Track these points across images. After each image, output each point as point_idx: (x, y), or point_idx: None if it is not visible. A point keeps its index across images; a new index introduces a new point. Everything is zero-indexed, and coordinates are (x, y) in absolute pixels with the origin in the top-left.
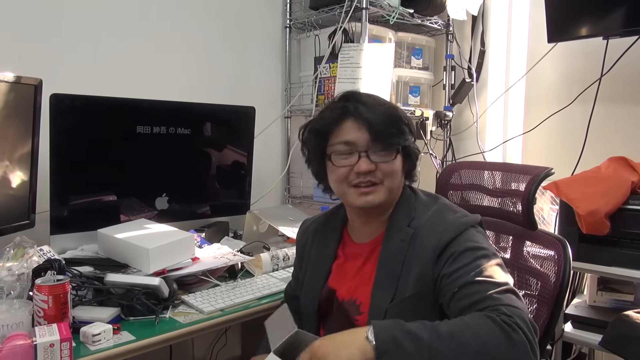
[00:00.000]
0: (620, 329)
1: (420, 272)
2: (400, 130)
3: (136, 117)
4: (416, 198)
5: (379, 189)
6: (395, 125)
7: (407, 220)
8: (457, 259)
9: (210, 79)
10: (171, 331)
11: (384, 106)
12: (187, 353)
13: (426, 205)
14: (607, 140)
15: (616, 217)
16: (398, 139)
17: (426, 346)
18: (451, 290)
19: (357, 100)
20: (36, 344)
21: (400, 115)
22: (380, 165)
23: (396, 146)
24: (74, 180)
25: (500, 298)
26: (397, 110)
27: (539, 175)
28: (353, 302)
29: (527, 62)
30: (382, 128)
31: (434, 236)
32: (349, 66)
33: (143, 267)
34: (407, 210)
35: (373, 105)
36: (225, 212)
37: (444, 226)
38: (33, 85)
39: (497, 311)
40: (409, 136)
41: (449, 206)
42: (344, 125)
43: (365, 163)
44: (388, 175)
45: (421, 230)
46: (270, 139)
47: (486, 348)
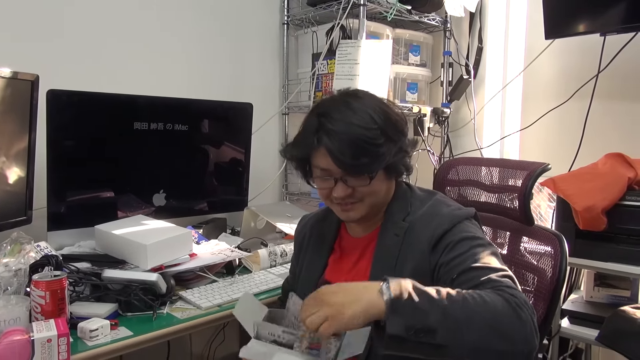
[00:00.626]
0: (617, 324)
1: (416, 265)
2: (373, 155)
3: (133, 113)
4: (412, 194)
5: (359, 206)
6: (365, 153)
7: (403, 215)
8: (453, 248)
9: (207, 75)
10: (169, 327)
11: (356, 131)
12: (185, 349)
13: (422, 200)
14: (604, 136)
15: (613, 213)
16: (370, 166)
17: (441, 308)
18: (450, 277)
19: (327, 124)
20: (33, 340)
21: (374, 137)
22: (358, 189)
23: (369, 174)
24: (71, 177)
25: (501, 281)
26: (373, 130)
27: (536, 170)
28: None
29: (525, 59)
30: (351, 161)
31: (428, 229)
32: (346, 62)
33: (141, 263)
34: (403, 205)
35: (344, 133)
36: (223, 209)
37: (439, 219)
38: (30, 81)
39: (502, 291)
40: (391, 151)
41: (444, 201)
42: (318, 152)
43: (341, 189)
44: (367, 195)
45: (416, 224)
46: (267, 136)
47: (498, 320)
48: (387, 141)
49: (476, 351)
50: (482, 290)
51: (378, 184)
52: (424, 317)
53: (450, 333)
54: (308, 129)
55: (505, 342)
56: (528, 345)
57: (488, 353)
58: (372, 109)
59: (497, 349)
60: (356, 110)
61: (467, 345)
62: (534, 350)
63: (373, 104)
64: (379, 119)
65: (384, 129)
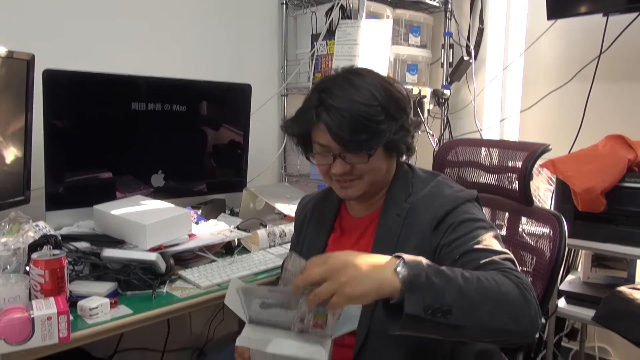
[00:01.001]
0: (614, 305)
1: (417, 245)
2: (372, 131)
3: (131, 93)
4: (414, 174)
5: (358, 183)
6: (364, 129)
7: (404, 196)
8: (455, 229)
9: (205, 55)
10: (168, 305)
11: (356, 107)
12: (184, 328)
13: (424, 181)
14: (605, 118)
15: (612, 195)
16: (369, 143)
17: (457, 288)
18: (452, 258)
19: (328, 101)
20: (33, 317)
21: (374, 114)
22: (357, 166)
23: (367, 150)
24: (68, 157)
25: (503, 264)
26: (373, 107)
27: (537, 151)
28: None
29: (526, 40)
30: (349, 137)
31: (430, 209)
32: (346, 43)
33: (140, 243)
34: (405, 186)
35: (344, 109)
36: (222, 190)
37: (441, 199)
38: (25, 60)
39: (506, 272)
40: (391, 128)
41: (446, 182)
42: (317, 128)
43: (339, 165)
44: (366, 172)
45: (417, 205)
46: (266, 117)
47: (508, 301)
48: (388, 118)
49: (488, 331)
50: (486, 271)
51: (377, 162)
52: (442, 297)
53: (466, 313)
54: (308, 105)
55: (515, 323)
56: (533, 326)
57: (499, 333)
58: (374, 86)
59: (507, 329)
60: (357, 86)
61: (481, 325)
62: (537, 330)
63: (375, 81)
64: (380, 96)
65: (385, 105)
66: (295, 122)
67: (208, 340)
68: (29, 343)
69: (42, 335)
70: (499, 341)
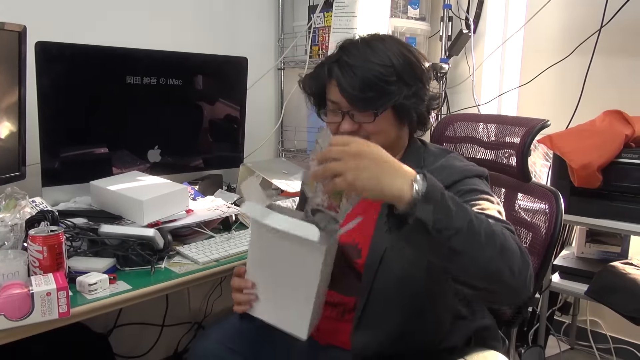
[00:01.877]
0: (606, 279)
1: None
2: (380, 91)
3: (126, 67)
4: (425, 149)
5: None
6: (374, 88)
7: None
8: (461, 196)
9: (201, 28)
10: (167, 281)
11: (369, 66)
12: (183, 304)
13: (435, 156)
14: (604, 93)
15: (608, 170)
16: (375, 101)
17: (468, 217)
18: None
19: (343, 58)
20: (33, 293)
21: (386, 74)
22: (364, 125)
23: (373, 110)
24: (64, 132)
25: (504, 230)
26: (387, 67)
27: (535, 127)
28: (355, 245)
29: (527, 13)
30: (357, 94)
31: (438, 179)
32: (343, 15)
33: (137, 219)
34: (416, 159)
35: (357, 66)
36: (219, 165)
37: (450, 170)
38: (17, 32)
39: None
40: (401, 92)
41: (458, 157)
42: (331, 84)
43: (347, 123)
44: (373, 133)
45: None
46: (263, 92)
47: (510, 251)
48: (400, 82)
49: (484, 271)
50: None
51: (385, 124)
52: (452, 219)
53: (469, 244)
54: (325, 60)
55: (511, 275)
56: (526, 286)
57: (493, 278)
58: (392, 51)
59: (502, 278)
60: (375, 48)
61: (478, 262)
62: (528, 294)
63: (394, 46)
64: (397, 60)
65: (399, 70)
66: (311, 77)
67: (206, 315)
68: (29, 319)
69: (42, 311)
70: (488, 290)
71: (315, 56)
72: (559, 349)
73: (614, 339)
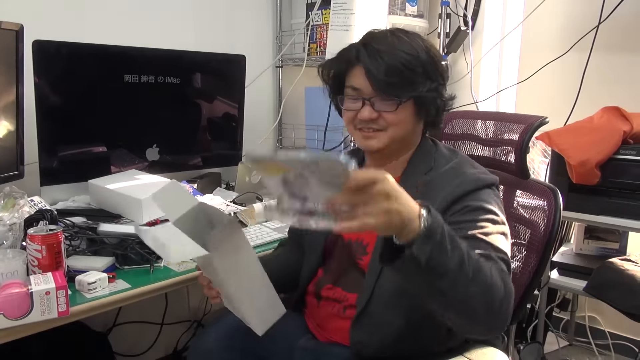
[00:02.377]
0: (604, 276)
1: None
2: (406, 78)
3: (123, 65)
4: (437, 150)
5: (381, 135)
6: (400, 75)
7: (425, 169)
8: (467, 213)
9: (198, 26)
10: (166, 279)
11: (397, 53)
12: (182, 302)
13: (446, 158)
14: (602, 89)
15: (606, 167)
16: (401, 90)
17: (460, 257)
18: None
19: (371, 44)
20: (32, 292)
21: (413, 64)
22: (384, 114)
23: (397, 98)
24: (62, 131)
25: (497, 262)
26: (414, 57)
27: (534, 123)
28: (360, 242)
29: (524, 9)
30: (384, 78)
31: (450, 186)
32: (341, 13)
33: (136, 218)
34: (427, 159)
35: (384, 52)
36: (217, 164)
37: (462, 178)
38: (14, 31)
39: (499, 272)
40: (425, 85)
41: (469, 161)
42: (354, 70)
43: (367, 111)
44: (392, 124)
45: (437, 180)
46: (261, 89)
47: (493, 294)
48: (424, 74)
49: (464, 310)
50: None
51: (405, 115)
52: (446, 257)
53: (455, 282)
54: (351, 46)
55: (487, 314)
56: (502, 323)
57: (470, 317)
58: (417, 44)
59: (477, 318)
60: (401, 39)
61: (460, 300)
62: (504, 329)
63: (419, 41)
64: (422, 53)
65: (424, 61)
66: (336, 59)
67: (206, 313)
68: (28, 318)
69: (41, 310)
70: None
71: (314, 54)
72: (557, 345)
73: (613, 335)
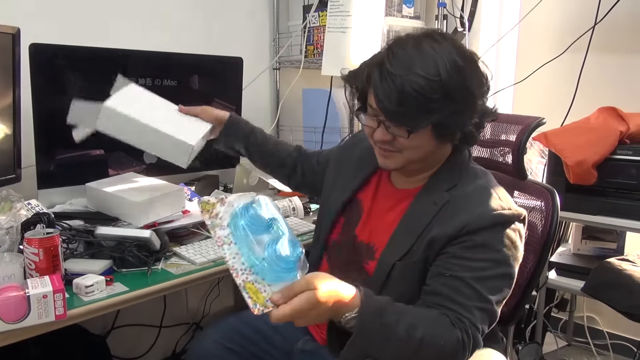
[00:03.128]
0: (602, 276)
1: (435, 239)
2: (420, 108)
3: (120, 68)
4: (468, 165)
5: (397, 156)
6: (412, 102)
7: (448, 185)
8: (469, 249)
9: (196, 28)
10: (164, 282)
11: (410, 77)
12: (181, 305)
13: (475, 176)
14: (598, 90)
15: (603, 167)
16: (412, 119)
17: (395, 348)
18: (443, 272)
19: (386, 63)
20: (29, 296)
21: (429, 89)
22: (398, 138)
23: (408, 126)
24: (59, 134)
25: (475, 315)
26: (431, 80)
27: (531, 124)
28: (371, 247)
29: (521, 10)
30: (393, 107)
31: (468, 214)
32: (338, 15)
33: (133, 221)
34: (452, 174)
35: (397, 75)
36: (215, 166)
37: (483, 210)
38: (10, 34)
39: (463, 324)
40: (444, 110)
41: (496, 188)
42: (371, 90)
43: (381, 133)
44: (406, 148)
45: (458, 201)
46: (258, 92)
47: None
48: (444, 98)
49: None
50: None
51: (420, 140)
52: (382, 350)
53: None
54: (369, 62)
55: None
56: None
57: None
58: (444, 59)
59: None
60: (424, 54)
61: None
62: None
63: (448, 52)
64: (445, 72)
65: (446, 83)
66: (352, 75)
67: (204, 315)
68: (25, 321)
69: (38, 314)
70: None
71: (311, 56)
72: (556, 345)
73: (611, 334)
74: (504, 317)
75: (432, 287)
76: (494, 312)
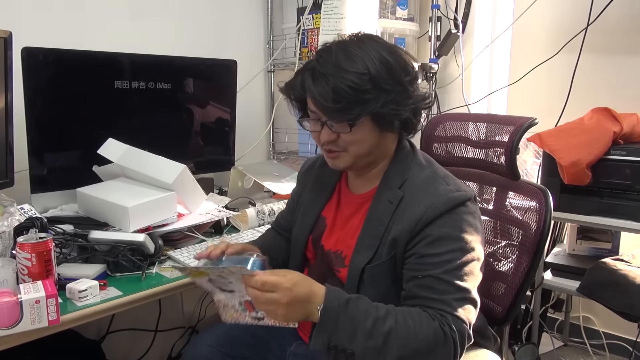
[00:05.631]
0: (597, 276)
1: (396, 237)
2: (354, 101)
3: (114, 71)
4: (413, 157)
5: (343, 155)
6: (347, 98)
7: (400, 181)
8: (432, 244)
9: (189, 31)
10: (158, 286)
11: (342, 75)
12: (176, 308)
13: (422, 166)
14: (592, 90)
15: (597, 167)
16: (349, 112)
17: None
18: (415, 274)
19: (317, 66)
20: (22, 301)
21: (361, 83)
22: (342, 136)
23: (348, 120)
24: (52, 138)
25: (454, 307)
26: (361, 75)
27: (523, 125)
28: (339, 254)
29: (514, 12)
30: (330, 105)
31: (420, 207)
32: (332, 17)
33: (123, 226)
34: (402, 168)
35: (330, 75)
36: (210, 169)
37: (433, 199)
38: (2, 38)
39: (445, 319)
40: (378, 100)
41: (442, 175)
42: (308, 94)
43: (326, 133)
44: (351, 143)
45: (409, 196)
46: (253, 94)
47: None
48: (376, 89)
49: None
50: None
51: (363, 134)
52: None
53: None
54: (300, 70)
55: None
56: None
57: None
58: (371, 56)
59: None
60: (350, 54)
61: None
62: None
63: (373, 50)
64: (374, 66)
65: (375, 76)
66: (289, 85)
67: (200, 319)
68: (18, 327)
69: (31, 319)
70: None
71: (305, 58)
72: (552, 345)
73: (607, 334)
74: (499, 318)
75: (408, 291)
76: (473, 298)
